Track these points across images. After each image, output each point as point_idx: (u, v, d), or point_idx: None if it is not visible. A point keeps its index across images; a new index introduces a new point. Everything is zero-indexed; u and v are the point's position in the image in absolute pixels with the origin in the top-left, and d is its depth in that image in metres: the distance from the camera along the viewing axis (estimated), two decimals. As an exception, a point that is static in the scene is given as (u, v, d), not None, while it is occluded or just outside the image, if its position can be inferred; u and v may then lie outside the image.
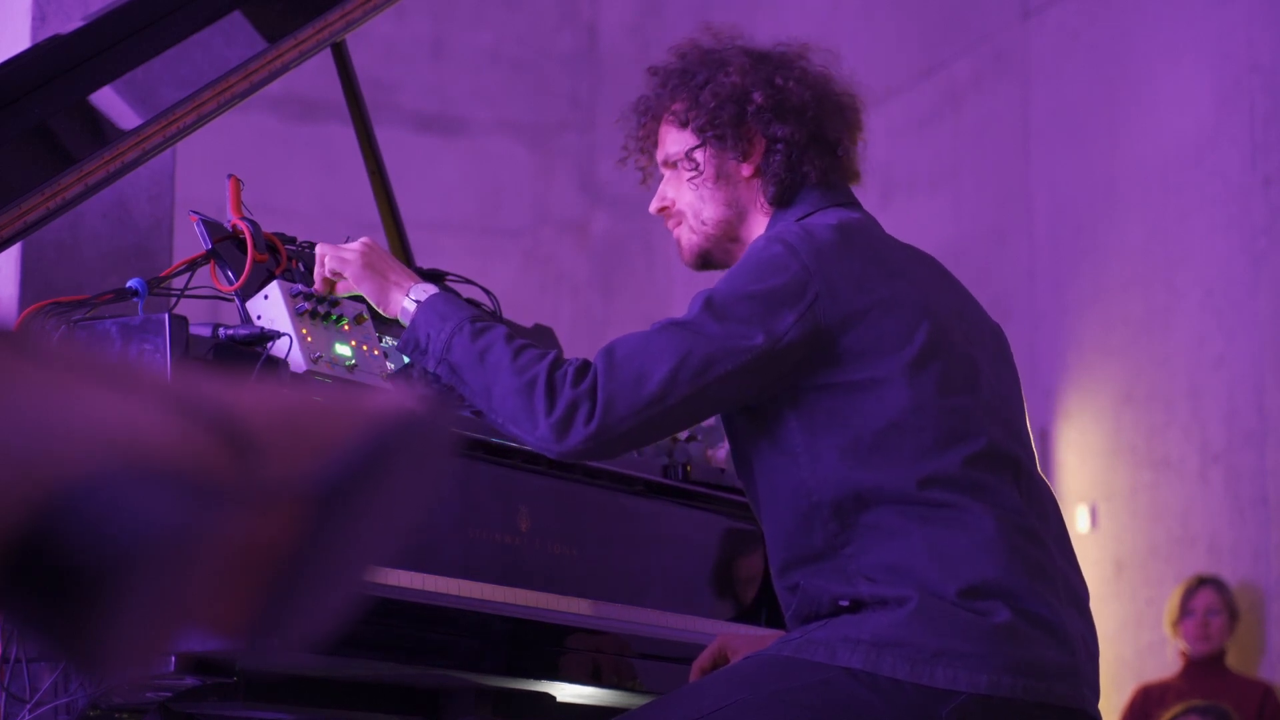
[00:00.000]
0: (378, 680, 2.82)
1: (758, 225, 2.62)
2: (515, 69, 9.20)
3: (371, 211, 3.40)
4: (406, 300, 2.54)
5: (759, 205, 2.61)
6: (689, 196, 2.63)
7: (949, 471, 2.41)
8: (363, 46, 3.60)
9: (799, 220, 2.55)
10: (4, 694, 2.42)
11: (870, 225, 2.58)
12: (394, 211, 3.38)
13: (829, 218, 2.54)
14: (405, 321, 2.54)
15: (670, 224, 2.67)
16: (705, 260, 2.65)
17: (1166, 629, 6.30)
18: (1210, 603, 6.14)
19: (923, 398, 2.43)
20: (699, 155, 2.61)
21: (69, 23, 3.14)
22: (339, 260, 2.61)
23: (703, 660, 2.68)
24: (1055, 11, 7.29)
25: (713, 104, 2.59)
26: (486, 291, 3.13)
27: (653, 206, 2.67)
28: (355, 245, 2.63)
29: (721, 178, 2.61)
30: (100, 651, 0.86)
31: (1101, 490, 6.82)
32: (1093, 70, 7.07)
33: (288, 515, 0.90)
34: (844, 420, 2.43)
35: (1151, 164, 6.73)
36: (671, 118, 2.64)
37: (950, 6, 7.91)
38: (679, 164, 2.63)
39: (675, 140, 2.64)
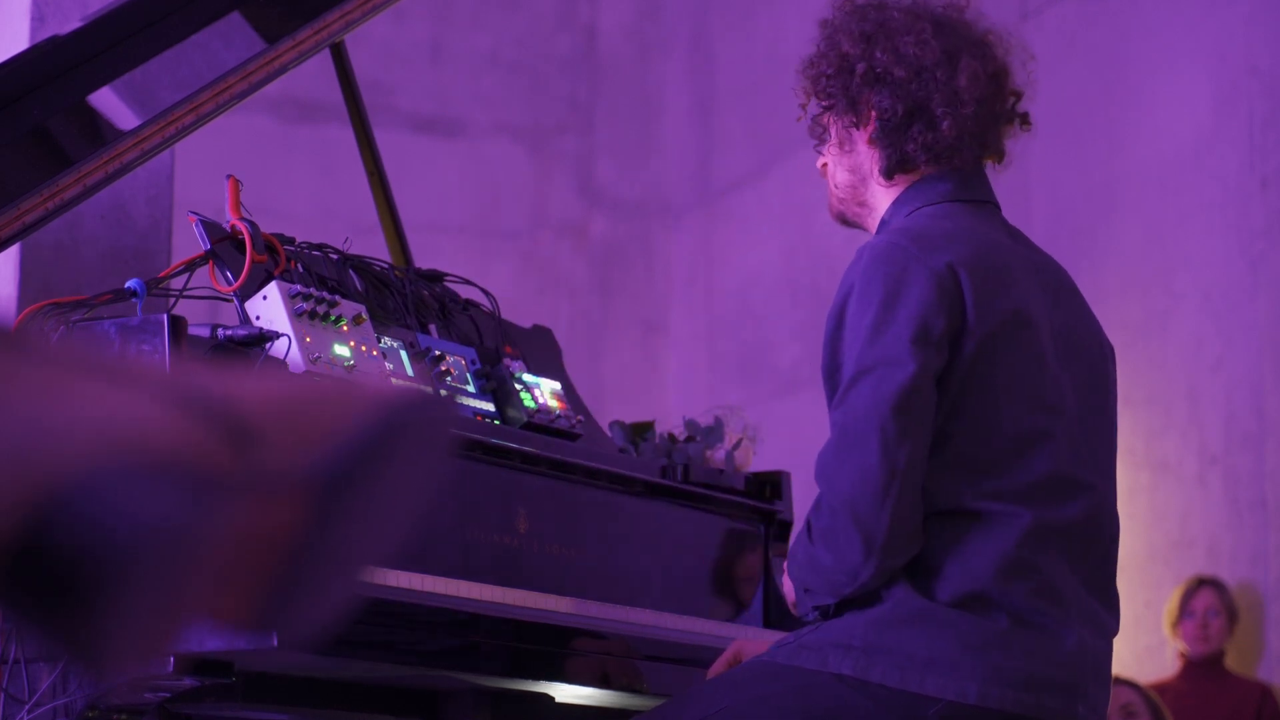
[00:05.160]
0: (376, 681, 2.82)
1: (878, 195, 2.63)
2: (514, 71, 9.20)
3: (370, 213, 3.40)
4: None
5: (875, 175, 2.63)
6: (829, 159, 2.68)
7: (997, 487, 2.42)
8: (361, 48, 3.59)
9: (907, 217, 2.56)
10: (2, 695, 2.42)
11: (982, 230, 2.56)
12: (393, 213, 3.38)
13: (935, 223, 2.53)
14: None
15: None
16: (842, 219, 2.70)
17: (1166, 630, 6.29)
18: (1210, 604, 6.14)
19: (992, 414, 2.44)
20: (824, 120, 2.66)
21: (67, 23, 3.14)
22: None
23: (718, 667, 2.66)
24: (1053, 13, 7.29)
25: (829, 72, 2.63)
26: (486, 293, 3.13)
27: (818, 163, 2.72)
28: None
29: (844, 143, 2.65)
30: (102, 648, 0.86)
31: (1100, 493, 6.81)
32: (1091, 72, 7.07)
33: (289, 505, 0.90)
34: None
35: (1149, 167, 6.73)
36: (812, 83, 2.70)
37: (948, 9, 7.90)
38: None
39: (814, 105, 2.69)
